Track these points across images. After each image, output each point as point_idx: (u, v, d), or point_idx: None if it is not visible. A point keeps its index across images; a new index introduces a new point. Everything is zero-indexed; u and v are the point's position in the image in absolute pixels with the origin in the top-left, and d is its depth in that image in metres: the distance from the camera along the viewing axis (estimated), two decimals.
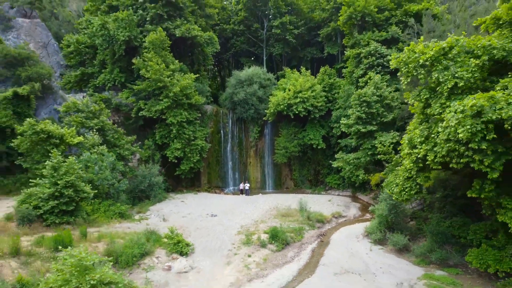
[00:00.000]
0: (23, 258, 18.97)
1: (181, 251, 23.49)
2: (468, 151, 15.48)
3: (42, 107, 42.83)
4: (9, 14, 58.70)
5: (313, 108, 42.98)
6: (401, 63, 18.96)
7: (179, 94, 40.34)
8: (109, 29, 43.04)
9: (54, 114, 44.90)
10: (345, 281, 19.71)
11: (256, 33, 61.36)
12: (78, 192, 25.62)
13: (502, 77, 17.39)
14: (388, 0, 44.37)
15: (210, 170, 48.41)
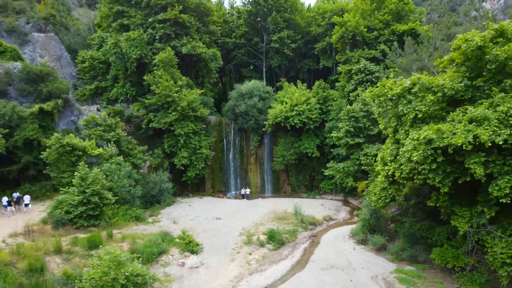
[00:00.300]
0: (64, 255, 23.03)
1: (192, 250, 27.54)
2: (424, 170, 19.50)
3: (61, 119, 46.85)
4: (25, 29, 62.87)
5: (308, 120, 47.03)
6: (374, 96, 23.00)
7: (186, 108, 44.46)
8: (121, 48, 47.13)
9: (71, 125, 49.00)
10: (329, 274, 23.73)
11: (256, 46, 65.41)
12: (102, 199, 29.68)
13: (456, 107, 21.42)
14: (377, 21, 48.41)
15: (213, 176, 52.59)
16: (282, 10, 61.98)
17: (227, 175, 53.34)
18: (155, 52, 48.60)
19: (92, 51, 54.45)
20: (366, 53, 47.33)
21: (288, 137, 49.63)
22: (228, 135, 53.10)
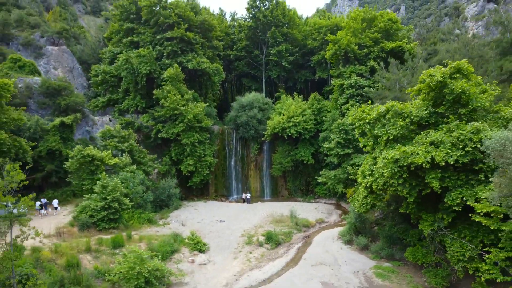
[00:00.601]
0: (93, 253, 27.15)
1: (200, 249, 31.66)
2: (394, 183, 23.60)
3: (77, 129, 50.86)
4: (40, 43, 66.98)
5: (303, 130, 51.08)
6: (355, 119, 27.13)
7: (192, 120, 48.60)
8: (132, 64, 51.31)
9: (86, 134, 53.11)
10: (317, 270, 27.83)
11: (256, 58, 69.53)
12: (121, 204, 33.83)
13: (424, 129, 25.52)
14: (367, 39, 52.49)
15: (216, 181, 56.76)
16: (280, 25, 66.13)
17: (229, 180, 57.54)
18: (163, 67, 52.79)
19: (104, 65, 58.67)
20: (357, 68, 51.45)
21: (285, 145, 53.79)
22: (230, 143, 57.32)
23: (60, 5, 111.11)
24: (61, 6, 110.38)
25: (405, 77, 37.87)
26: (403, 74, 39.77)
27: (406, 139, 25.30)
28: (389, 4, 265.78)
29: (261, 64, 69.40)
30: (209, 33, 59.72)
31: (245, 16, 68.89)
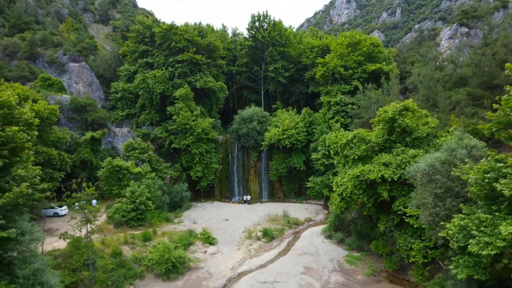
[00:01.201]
0: (130, 245, 35.27)
1: (210, 242, 39.76)
2: (357, 193, 31.64)
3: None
4: (63, 60, 74.79)
5: (296, 141, 59.06)
6: (331, 142, 35.22)
7: (201, 133, 56.65)
8: (148, 83, 59.33)
9: (108, 144, 61.14)
10: (302, 257, 35.94)
11: (256, 73, 77.42)
12: (146, 206, 41.97)
13: (382, 152, 33.50)
14: (351, 61, 60.33)
15: (221, 185, 64.91)
16: (277, 45, 73.95)
17: (232, 184, 65.72)
18: (175, 86, 60.74)
19: (121, 82, 66.70)
20: (343, 87, 59.35)
21: (281, 154, 61.84)
22: (233, 151, 65.42)
23: (72, 16, 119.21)
24: (72, 16, 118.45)
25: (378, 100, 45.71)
26: (378, 97, 47.67)
27: (368, 158, 33.33)
28: (386, 7, 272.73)
29: (260, 79, 77.34)
30: (214, 53, 67.51)
31: (246, 36, 76.85)
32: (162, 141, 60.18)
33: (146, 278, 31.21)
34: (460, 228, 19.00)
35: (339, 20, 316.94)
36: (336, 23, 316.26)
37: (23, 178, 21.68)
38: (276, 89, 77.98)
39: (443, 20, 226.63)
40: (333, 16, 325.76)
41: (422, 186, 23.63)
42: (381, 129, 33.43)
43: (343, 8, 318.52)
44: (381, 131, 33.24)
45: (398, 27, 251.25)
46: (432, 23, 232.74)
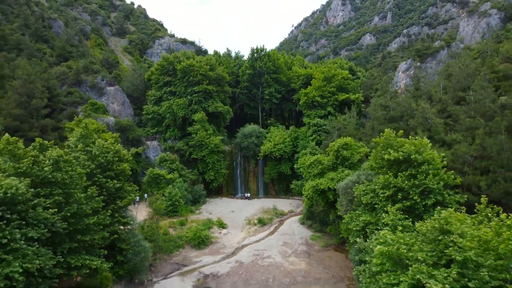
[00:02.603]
0: (172, 228, 54.80)
1: (223, 226, 59.31)
2: (315, 196, 51.04)
3: None
4: (101, 85, 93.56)
5: (284, 153, 78.28)
6: (301, 163, 54.43)
7: (213, 147, 75.89)
8: (173, 109, 78.35)
9: (143, 155, 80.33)
10: (283, 236, 55.44)
11: (254, 94, 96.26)
12: (178, 202, 61.51)
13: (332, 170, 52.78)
14: (326, 92, 79.09)
15: (227, 185, 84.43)
16: (271, 72, 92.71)
17: (235, 184, 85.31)
18: (193, 110, 79.75)
19: (150, 104, 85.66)
20: (319, 112, 78.33)
21: (273, 162, 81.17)
22: (236, 159, 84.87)
23: (94, 32, 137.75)
24: (94, 32, 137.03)
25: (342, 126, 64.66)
26: (342, 123, 66.65)
27: (322, 174, 52.62)
28: (378, 11, 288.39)
29: (258, 99, 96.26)
30: (222, 81, 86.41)
31: (246, 65, 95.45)
32: (184, 152, 79.41)
33: (185, 248, 50.86)
34: (350, 217, 38.38)
35: (334, 22, 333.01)
36: (332, 25, 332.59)
37: (129, 191, 41.09)
38: (271, 107, 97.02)
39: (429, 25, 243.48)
40: (329, 17, 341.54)
41: (342, 195, 43.00)
42: (331, 155, 52.71)
43: (338, 10, 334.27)
44: (331, 157, 52.48)
45: (388, 31, 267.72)
46: (419, 28, 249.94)
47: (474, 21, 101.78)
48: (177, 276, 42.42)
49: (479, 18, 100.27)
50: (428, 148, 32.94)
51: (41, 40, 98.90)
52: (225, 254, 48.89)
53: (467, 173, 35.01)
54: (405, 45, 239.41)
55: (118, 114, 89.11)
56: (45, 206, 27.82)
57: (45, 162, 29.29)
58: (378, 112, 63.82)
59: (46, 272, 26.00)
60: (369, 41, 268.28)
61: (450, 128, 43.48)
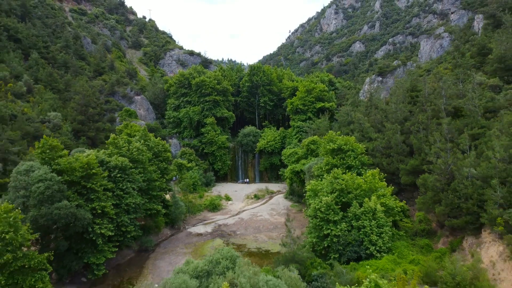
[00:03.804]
0: (194, 200, 78.06)
1: (229, 199, 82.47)
2: (293, 176, 74.26)
3: None
4: (130, 94, 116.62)
5: (274, 148, 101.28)
6: (284, 154, 77.58)
7: (220, 144, 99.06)
8: (189, 114, 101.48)
9: None
10: (271, 205, 78.50)
11: (252, 102, 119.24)
12: (197, 183, 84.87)
13: (304, 159, 76.02)
14: (307, 101, 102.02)
15: (231, 172, 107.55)
16: (265, 85, 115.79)
17: (237, 172, 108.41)
18: (204, 115, 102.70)
19: (170, 110, 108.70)
20: (301, 117, 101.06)
21: (266, 155, 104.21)
22: (238, 153, 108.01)
23: (114, 45, 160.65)
24: (114, 46, 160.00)
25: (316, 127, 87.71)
26: (316, 125, 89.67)
27: (298, 161, 75.76)
28: (367, 20, 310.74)
29: (255, 105, 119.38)
30: (226, 92, 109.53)
31: (246, 79, 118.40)
32: (198, 148, 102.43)
33: (204, 212, 74.00)
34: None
35: (328, 29, 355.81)
36: (326, 32, 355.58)
37: (171, 169, 64.24)
38: (265, 112, 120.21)
39: (413, 34, 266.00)
40: (323, 24, 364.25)
41: (307, 173, 66.01)
42: (304, 148, 75.88)
43: (332, 18, 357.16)
44: (304, 150, 75.65)
45: (376, 39, 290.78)
46: (403, 37, 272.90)
47: (431, 41, 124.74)
48: (201, 225, 65.72)
49: (434, 40, 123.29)
50: (353, 141, 56.27)
51: (79, 58, 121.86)
52: (231, 214, 72.19)
53: (378, 156, 58.30)
54: (390, 52, 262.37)
55: (144, 118, 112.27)
56: (135, 173, 51.19)
57: (132, 150, 52.65)
58: (342, 118, 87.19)
59: (141, 206, 49.48)
60: (358, 48, 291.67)
61: (377, 130, 66.59)
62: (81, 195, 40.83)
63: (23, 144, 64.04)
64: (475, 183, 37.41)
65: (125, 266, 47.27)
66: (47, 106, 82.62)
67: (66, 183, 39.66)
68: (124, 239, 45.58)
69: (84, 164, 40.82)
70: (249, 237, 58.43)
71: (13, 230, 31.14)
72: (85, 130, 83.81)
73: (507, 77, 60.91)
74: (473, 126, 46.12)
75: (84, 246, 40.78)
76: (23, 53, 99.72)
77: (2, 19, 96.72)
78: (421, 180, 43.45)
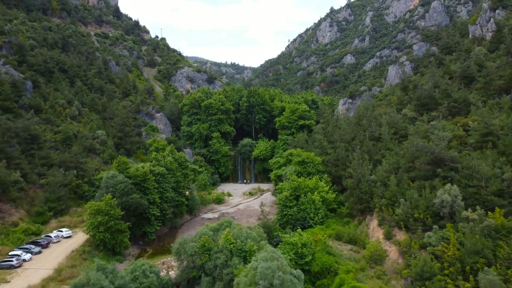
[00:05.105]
0: (204, 195, 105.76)
1: (230, 195, 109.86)
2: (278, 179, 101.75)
3: None
4: (152, 112, 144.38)
5: (266, 156, 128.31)
6: (271, 162, 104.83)
7: (224, 153, 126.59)
8: (200, 130, 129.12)
9: None
10: (261, 200, 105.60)
11: (249, 118, 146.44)
12: (206, 183, 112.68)
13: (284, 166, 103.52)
14: (292, 119, 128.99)
15: (232, 175, 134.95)
16: (259, 105, 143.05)
17: (237, 174, 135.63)
18: (211, 130, 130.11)
19: (184, 126, 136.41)
20: (287, 132, 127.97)
21: (260, 161, 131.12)
22: (238, 159, 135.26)
23: (133, 65, 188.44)
24: (133, 66, 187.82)
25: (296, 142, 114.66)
26: (297, 139, 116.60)
27: (281, 167, 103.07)
28: (358, 34, 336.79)
29: (251, 121, 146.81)
30: (228, 111, 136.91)
31: (244, 99, 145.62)
32: (206, 156, 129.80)
33: (212, 204, 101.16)
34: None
35: (323, 41, 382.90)
36: (321, 43, 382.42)
37: (190, 174, 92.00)
38: (260, 127, 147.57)
39: (398, 49, 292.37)
40: (319, 36, 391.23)
41: (284, 177, 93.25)
42: (285, 158, 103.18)
43: (327, 31, 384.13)
44: (284, 159, 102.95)
45: (365, 52, 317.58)
46: (389, 51, 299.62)
47: (396, 68, 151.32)
48: (210, 213, 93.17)
49: (398, 67, 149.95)
50: (313, 155, 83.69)
51: (109, 81, 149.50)
52: (231, 206, 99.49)
53: (329, 166, 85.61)
54: (377, 65, 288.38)
55: (163, 131, 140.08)
56: (169, 177, 78.89)
57: (166, 162, 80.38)
58: (318, 133, 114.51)
59: (173, 198, 77.33)
60: (349, 60, 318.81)
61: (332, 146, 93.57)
62: (141, 191, 68.32)
63: (84, 156, 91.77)
64: (371, 184, 64.71)
65: (164, 236, 74.95)
66: (94, 125, 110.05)
67: (133, 184, 67.40)
68: (164, 219, 73.23)
69: (143, 173, 68.54)
70: (243, 220, 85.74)
71: (113, 209, 58.90)
72: (123, 144, 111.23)
73: (421, 111, 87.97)
74: (382, 148, 73.39)
75: (143, 221, 68.39)
76: (69, 81, 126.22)
77: (53, 54, 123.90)
78: (345, 182, 70.97)
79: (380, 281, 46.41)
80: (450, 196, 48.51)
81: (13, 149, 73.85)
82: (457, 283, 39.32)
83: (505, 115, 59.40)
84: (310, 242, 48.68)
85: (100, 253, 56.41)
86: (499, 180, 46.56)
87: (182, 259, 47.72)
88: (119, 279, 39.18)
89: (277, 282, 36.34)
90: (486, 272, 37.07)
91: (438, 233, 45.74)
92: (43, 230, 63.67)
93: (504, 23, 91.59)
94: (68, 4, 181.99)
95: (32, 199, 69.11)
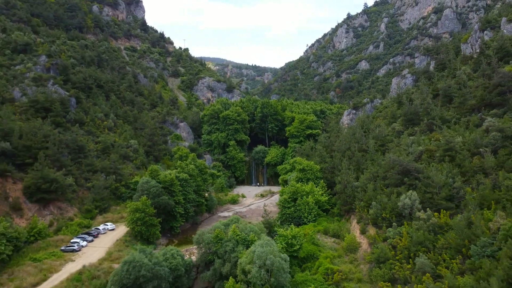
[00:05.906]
0: (222, 196, 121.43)
1: (244, 197, 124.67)
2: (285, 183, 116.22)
3: None
4: (177, 122, 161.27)
5: (277, 162, 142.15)
6: (280, 168, 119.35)
7: (239, 159, 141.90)
8: (218, 138, 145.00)
9: None
10: (270, 201, 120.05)
11: (263, 127, 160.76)
12: (224, 186, 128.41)
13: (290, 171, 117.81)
14: (300, 129, 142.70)
15: (247, 178, 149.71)
16: (272, 115, 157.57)
17: (251, 178, 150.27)
18: (229, 139, 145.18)
19: (204, 134, 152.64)
20: (296, 140, 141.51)
21: (271, 166, 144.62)
22: (252, 164, 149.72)
23: (159, 77, 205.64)
24: (159, 77, 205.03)
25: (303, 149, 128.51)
26: (304, 147, 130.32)
27: (288, 173, 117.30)
28: (373, 41, 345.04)
29: (265, 130, 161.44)
30: (244, 121, 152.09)
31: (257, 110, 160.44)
32: (224, 161, 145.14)
33: (228, 204, 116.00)
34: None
35: (339, 47, 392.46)
36: (337, 49, 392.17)
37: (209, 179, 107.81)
38: (272, 135, 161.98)
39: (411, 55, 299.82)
40: (336, 42, 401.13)
41: (289, 180, 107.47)
42: (290, 165, 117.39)
43: (343, 37, 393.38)
44: (290, 165, 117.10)
45: (379, 59, 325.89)
46: (402, 58, 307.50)
47: (398, 80, 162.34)
48: (226, 212, 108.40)
49: (401, 79, 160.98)
50: (312, 164, 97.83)
51: (139, 94, 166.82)
52: (244, 206, 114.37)
53: (326, 173, 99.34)
54: (390, 71, 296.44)
55: (186, 139, 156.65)
56: (191, 182, 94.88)
57: (189, 169, 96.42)
58: (321, 143, 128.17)
59: (194, 199, 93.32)
60: (364, 66, 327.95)
61: (331, 156, 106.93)
62: (169, 193, 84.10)
63: (120, 162, 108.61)
64: (354, 189, 78.26)
65: (187, 230, 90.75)
66: (127, 135, 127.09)
67: (162, 187, 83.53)
68: (187, 216, 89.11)
69: (170, 179, 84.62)
70: (254, 218, 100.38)
71: (148, 208, 75.04)
72: (152, 151, 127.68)
73: (408, 125, 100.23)
74: (368, 158, 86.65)
75: (170, 218, 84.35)
76: (104, 95, 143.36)
77: (91, 71, 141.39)
78: (336, 188, 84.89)
79: (352, 265, 59.93)
80: (410, 200, 61.16)
81: (65, 158, 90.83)
82: (402, 265, 52.42)
83: (468, 133, 71.08)
84: (299, 235, 62.99)
85: (138, 242, 72.21)
86: (450, 187, 58.69)
87: (201, 246, 62.82)
88: (154, 258, 54.61)
89: (269, 262, 50.50)
90: (421, 257, 50.05)
91: (396, 229, 58.85)
92: (92, 224, 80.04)
93: (490, 44, 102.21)
94: (101, 21, 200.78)
95: (82, 199, 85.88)
